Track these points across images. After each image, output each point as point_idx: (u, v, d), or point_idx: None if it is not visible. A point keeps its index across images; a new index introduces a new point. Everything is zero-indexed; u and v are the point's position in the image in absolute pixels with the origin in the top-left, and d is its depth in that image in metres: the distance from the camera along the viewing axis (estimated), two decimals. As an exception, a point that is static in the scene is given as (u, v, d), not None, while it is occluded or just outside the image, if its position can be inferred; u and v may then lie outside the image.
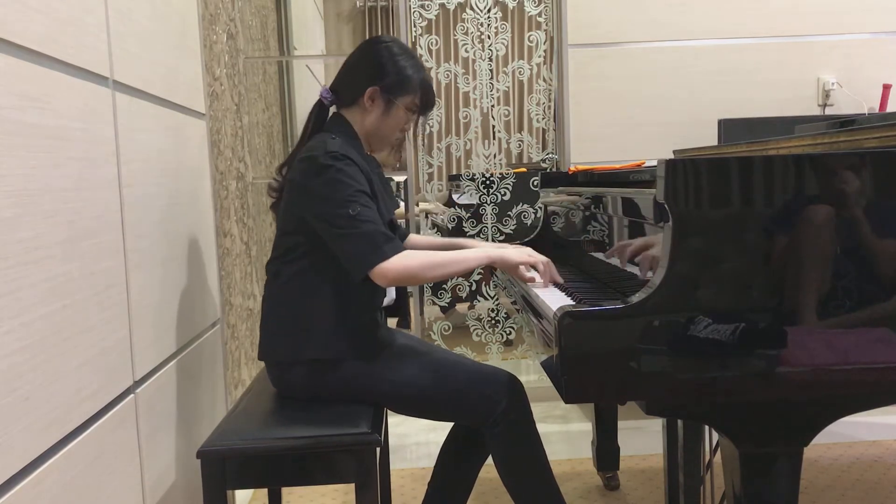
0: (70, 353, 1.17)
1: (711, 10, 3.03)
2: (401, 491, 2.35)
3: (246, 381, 2.47)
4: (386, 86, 1.67)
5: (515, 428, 1.61)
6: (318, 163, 1.55)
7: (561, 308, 1.18)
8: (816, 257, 1.17)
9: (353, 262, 1.53)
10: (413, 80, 1.69)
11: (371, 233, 1.51)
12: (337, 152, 1.56)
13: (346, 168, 1.55)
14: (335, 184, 1.53)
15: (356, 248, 1.52)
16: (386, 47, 1.70)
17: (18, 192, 1.03)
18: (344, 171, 1.55)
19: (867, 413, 1.44)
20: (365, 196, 1.55)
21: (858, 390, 1.22)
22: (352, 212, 1.51)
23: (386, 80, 1.67)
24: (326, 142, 1.60)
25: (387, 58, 1.68)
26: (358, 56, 1.73)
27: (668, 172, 1.18)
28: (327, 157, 1.55)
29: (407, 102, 1.69)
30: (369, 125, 1.70)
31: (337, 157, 1.55)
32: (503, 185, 3.19)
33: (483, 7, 3.09)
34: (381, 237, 1.52)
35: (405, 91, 1.68)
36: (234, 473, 1.47)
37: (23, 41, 1.07)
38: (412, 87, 1.69)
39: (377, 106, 1.68)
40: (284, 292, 1.64)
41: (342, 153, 1.57)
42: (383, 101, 1.68)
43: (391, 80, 1.67)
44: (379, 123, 1.70)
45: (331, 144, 1.59)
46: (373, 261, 1.50)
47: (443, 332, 3.19)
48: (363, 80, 1.68)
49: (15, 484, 1.00)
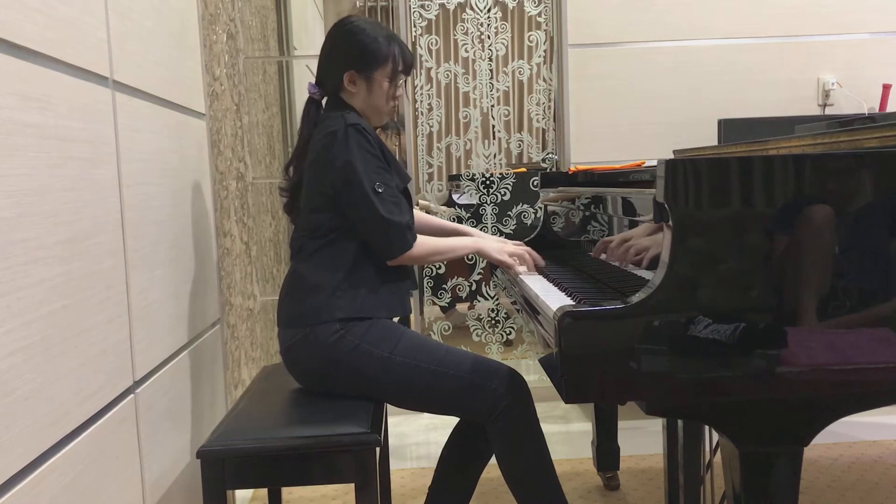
0: (70, 353, 1.17)
1: (711, 10, 3.03)
2: (401, 491, 2.35)
3: (246, 381, 2.47)
4: (359, 66, 1.73)
5: (517, 423, 1.61)
6: (341, 134, 1.63)
7: (561, 308, 1.18)
8: (816, 257, 1.17)
9: (381, 248, 1.66)
10: (382, 50, 1.73)
11: (399, 224, 1.64)
12: (358, 124, 1.65)
13: (366, 144, 1.64)
14: (361, 155, 1.63)
15: (386, 236, 1.64)
16: (351, 27, 1.75)
17: (18, 192, 1.03)
18: (369, 142, 1.65)
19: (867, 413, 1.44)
20: (385, 173, 1.66)
21: (859, 390, 1.22)
22: (379, 189, 1.62)
23: (357, 60, 1.73)
24: (344, 115, 1.68)
25: (354, 38, 1.74)
26: (328, 45, 1.79)
27: (668, 172, 1.18)
28: (349, 130, 1.64)
29: (385, 73, 1.74)
30: (360, 105, 1.76)
31: (358, 129, 1.64)
32: (503, 185, 3.19)
33: (483, 7, 3.09)
34: (406, 228, 1.65)
35: (378, 63, 1.73)
36: (234, 473, 1.46)
37: (23, 41, 1.07)
38: (383, 57, 1.74)
39: (359, 87, 1.74)
40: (314, 259, 1.69)
41: (362, 126, 1.65)
42: (363, 80, 1.74)
43: (362, 58, 1.73)
44: (367, 101, 1.76)
45: (349, 118, 1.67)
46: (399, 250, 1.66)
47: (443, 332, 3.19)
48: (338, 67, 1.74)
49: (15, 484, 1.00)
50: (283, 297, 1.73)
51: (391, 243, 1.65)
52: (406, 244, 1.66)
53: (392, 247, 1.66)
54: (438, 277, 3.21)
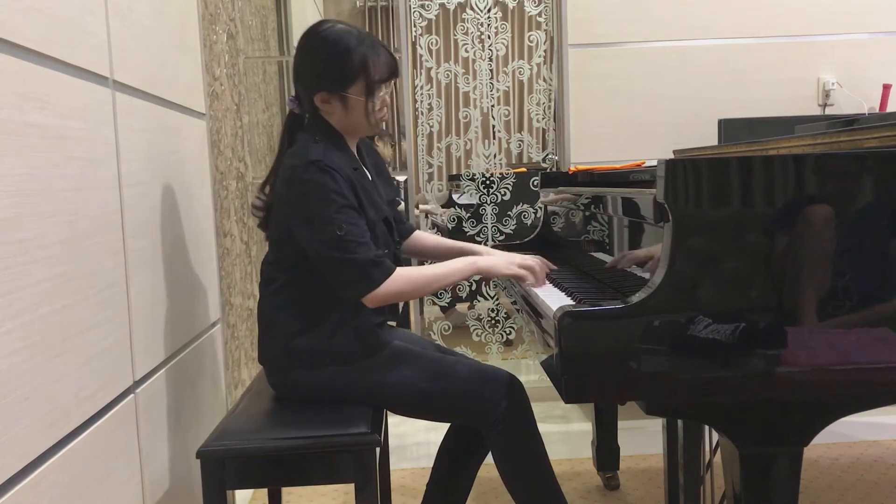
0: (70, 353, 1.17)
1: (711, 10, 3.03)
2: (401, 491, 2.35)
3: (246, 381, 2.47)
4: (329, 86, 1.57)
5: (516, 428, 1.60)
6: (301, 176, 1.50)
7: (561, 308, 1.18)
8: (816, 257, 1.17)
9: (343, 289, 1.52)
10: (352, 64, 1.55)
11: (360, 261, 1.48)
12: (321, 161, 1.50)
13: (328, 181, 1.49)
14: (320, 200, 1.49)
15: (346, 275, 1.50)
16: (318, 42, 1.58)
17: (18, 192, 1.03)
18: (326, 184, 1.49)
19: (867, 413, 1.43)
20: (351, 211, 1.50)
21: (859, 390, 1.22)
22: (339, 232, 1.47)
23: (326, 79, 1.57)
24: (309, 148, 1.53)
25: (320, 55, 1.58)
26: (297, 60, 1.63)
27: (668, 172, 1.18)
28: (309, 168, 1.49)
29: (360, 89, 1.57)
30: (339, 123, 1.62)
31: (320, 169, 1.49)
32: (503, 185, 3.19)
33: (483, 7, 3.09)
34: (369, 264, 1.49)
35: (350, 80, 1.56)
36: (234, 473, 1.46)
37: (23, 41, 1.07)
38: (354, 72, 1.55)
39: (334, 105, 1.59)
40: (279, 299, 1.63)
41: (325, 163, 1.50)
42: (336, 99, 1.58)
43: (330, 77, 1.57)
44: (346, 119, 1.61)
45: (313, 152, 1.52)
46: (363, 290, 1.50)
47: (443, 332, 3.19)
48: (308, 88, 1.60)
49: (15, 484, 1.00)
50: (259, 334, 1.67)
51: (352, 283, 1.50)
52: (370, 282, 1.49)
53: (353, 287, 1.50)
54: (438, 277, 3.21)
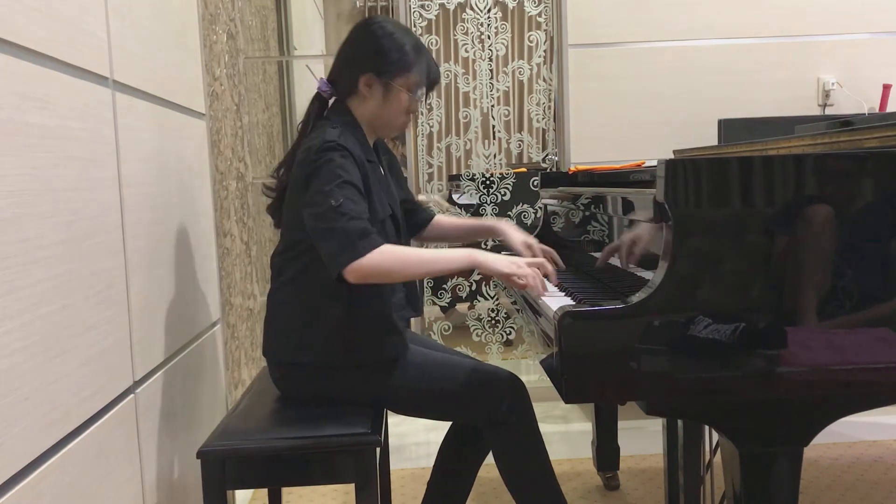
0: (70, 353, 1.17)
1: (711, 10, 3.03)
2: (401, 491, 2.35)
3: (246, 381, 2.47)
4: (381, 70, 1.59)
5: (517, 428, 1.60)
6: (313, 153, 1.49)
7: (561, 308, 1.18)
8: (816, 257, 1.17)
9: (328, 260, 1.46)
10: (408, 58, 1.59)
11: (348, 229, 1.42)
12: (334, 142, 1.49)
13: (338, 158, 1.48)
14: (325, 173, 1.46)
15: (331, 244, 1.44)
16: (376, 28, 1.61)
17: (18, 192, 1.03)
18: (335, 160, 1.47)
19: (867, 413, 1.43)
20: (353, 189, 1.47)
21: (858, 390, 1.22)
22: (334, 202, 1.43)
23: (380, 64, 1.59)
24: (326, 130, 1.54)
25: (378, 40, 1.60)
26: (350, 42, 1.65)
27: (668, 172, 1.18)
28: (322, 146, 1.49)
29: (406, 83, 1.60)
30: (370, 113, 1.63)
31: (333, 147, 1.49)
32: (503, 185, 3.19)
33: (483, 7, 3.09)
34: (356, 233, 1.42)
35: (402, 71, 1.59)
36: (234, 473, 1.46)
37: (23, 41, 1.07)
38: (408, 66, 1.59)
39: (375, 92, 1.60)
40: (287, 291, 1.62)
41: (339, 143, 1.50)
42: (381, 86, 1.60)
43: (385, 62, 1.58)
44: (380, 110, 1.62)
45: (329, 134, 1.52)
46: (345, 259, 1.42)
47: (443, 332, 3.19)
48: (357, 68, 1.60)
49: (15, 484, 1.00)
50: (265, 324, 1.66)
51: (336, 251, 1.43)
52: (354, 252, 1.41)
53: (338, 255, 1.42)
54: (438, 278, 3.21)
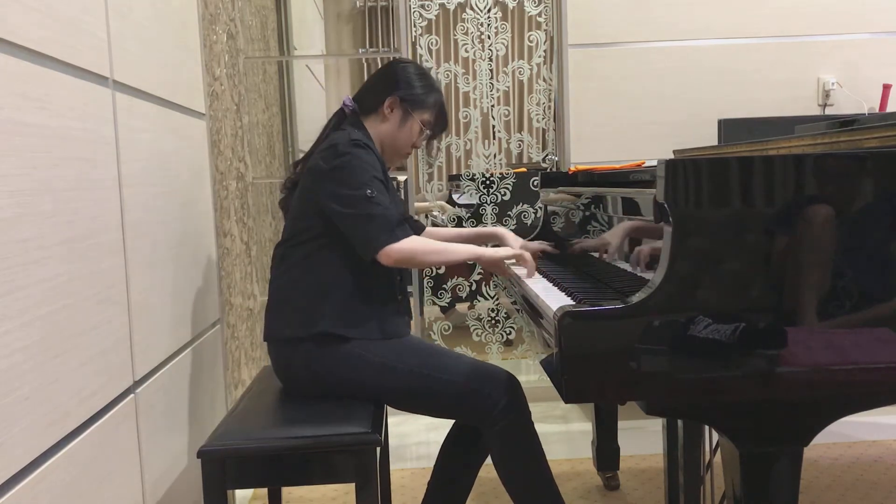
0: (70, 353, 1.17)
1: (711, 10, 3.03)
2: (401, 491, 2.35)
3: (246, 381, 2.47)
4: (405, 97, 1.80)
5: (514, 427, 1.61)
6: (340, 149, 1.65)
7: (561, 308, 1.18)
8: (816, 257, 1.17)
9: (364, 242, 1.62)
10: (430, 100, 1.82)
11: (385, 215, 1.61)
12: (360, 140, 1.68)
13: (366, 156, 1.66)
14: (355, 168, 1.64)
15: (370, 227, 1.60)
16: (407, 66, 1.86)
17: (18, 192, 1.03)
18: (364, 158, 1.65)
19: (867, 413, 1.44)
20: (380, 183, 1.66)
21: (858, 390, 1.22)
22: (369, 193, 1.61)
23: (406, 92, 1.80)
24: (350, 132, 1.72)
25: (408, 75, 1.82)
26: (381, 72, 1.87)
27: (668, 172, 1.18)
28: (350, 144, 1.66)
29: (422, 118, 1.82)
30: (385, 133, 1.81)
31: (359, 145, 1.67)
32: (503, 185, 3.19)
33: (483, 7, 3.09)
34: (393, 220, 1.62)
35: (422, 106, 1.81)
36: (234, 473, 1.47)
37: (23, 41, 1.07)
38: (428, 105, 1.82)
39: (395, 115, 1.80)
40: (292, 274, 1.69)
41: (365, 142, 1.69)
42: (401, 111, 1.80)
43: (410, 93, 1.80)
44: (395, 132, 1.81)
45: (354, 134, 1.70)
46: (384, 241, 1.60)
47: (443, 332, 3.19)
48: (384, 90, 1.80)
49: (15, 484, 1.00)
50: (266, 312, 1.73)
51: (376, 234, 1.60)
52: (393, 236, 1.61)
53: (377, 238, 1.60)
54: (438, 277, 3.21)
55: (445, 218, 3.27)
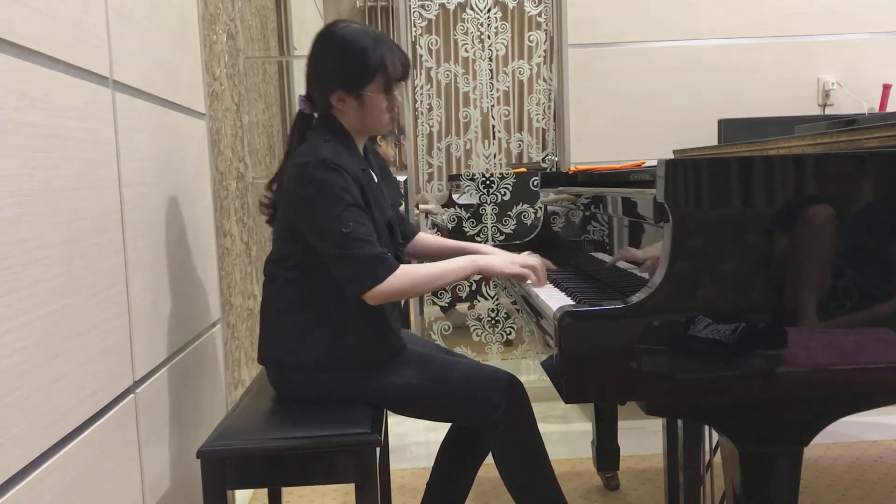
0: (70, 353, 1.17)
1: (711, 10, 3.03)
2: (401, 491, 2.35)
3: (246, 381, 2.47)
4: (347, 84, 1.59)
5: (516, 429, 1.61)
6: (309, 174, 1.52)
7: (561, 308, 1.18)
8: (816, 257, 1.17)
9: (347, 283, 1.53)
10: (370, 63, 1.58)
11: (364, 256, 1.49)
12: (329, 160, 1.51)
13: (337, 180, 1.51)
14: (327, 197, 1.50)
15: (349, 271, 1.51)
16: (332, 41, 1.61)
17: (18, 192, 1.03)
18: (335, 183, 1.50)
19: (867, 413, 1.43)
20: (359, 210, 1.52)
21: (859, 390, 1.22)
22: (345, 229, 1.48)
23: (344, 78, 1.59)
24: (319, 147, 1.55)
25: (338, 54, 1.60)
26: (312, 59, 1.64)
27: (668, 172, 1.18)
28: (319, 166, 1.51)
29: (378, 87, 1.59)
30: (352, 123, 1.63)
31: (329, 167, 1.51)
32: (503, 185, 3.19)
33: (483, 7, 3.09)
34: (373, 260, 1.50)
35: (368, 78, 1.58)
36: (234, 473, 1.46)
37: (23, 41, 1.07)
38: (372, 70, 1.58)
39: (350, 105, 1.61)
40: (281, 298, 1.63)
41: (334, 162, 1.52)
42: (353, 98, 1.60)
43: (349, 75, 1.59)
44: (360, 119, 1.63)
45: (323, 150, 1.54)
46: (365, 286, 1.50)
47: (443, 332, 3.19)
48: (325, 86, 1.61)
49: (15, 484, 1.00)
50: (260, 333, 1.67)
51: (356, 278, 1.50)
52: (374, 277, 1.49)
53: (358, 281, 1.50)
54: (438, 277, 3.21)
55: (445, 218, 3.27)
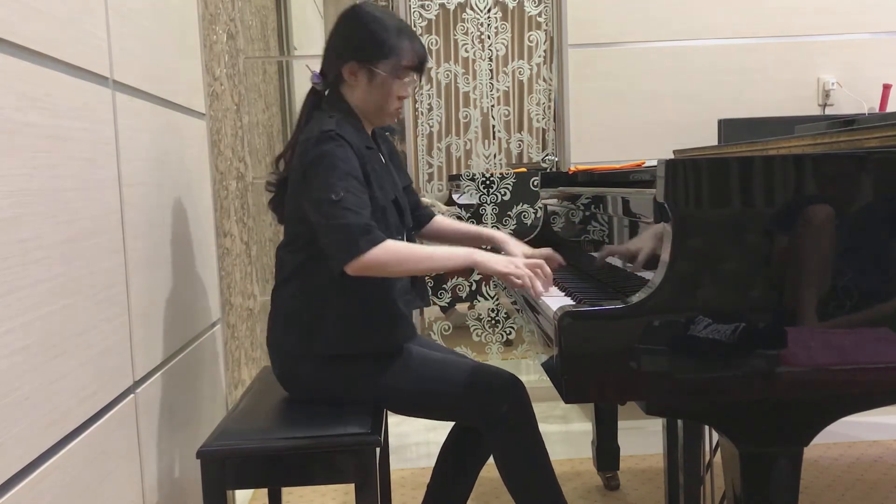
0: (70, 353, 1.17)
1: (711, 10, 3.03)
2: (401, 491, 2.35)
3: (246, 381, 2.47)
4: (362, 56, 1.59)
5: (517, 430, 1.60)
6: (311, 144, 1.51)
7: (561, 308, 1.18)
8: (816, 257, 1.17)
9: (329, 255, 1.49)
10: (390, 42, 1.58)
11: (348, 225, 1.45)
12: (332, 131, 1.51)
13: (336, 149, 1.49)
14: (324, 166, 1.48)
15: (332, 240, 1.47)
16: (360, 15, 1.62)
17: (18, 192, 1.03)
18: (334, 152, 1.49)
19: (867, 413, 1.43)
20: (353, 180, 1.49)
21: (859, 390, 1.22)
22: (335, 197, 1.45)
23: (361, 50, 1.59)
24: (323, 121, 1.56)
25: (360, 27, 1.61)
26: (335, 32, 1.66)
27: (668, 172, 1.18)
28: (321, 136, 1.51)
29: (390, 67, 1.59)
30: (359, 99, 1.63)
31: (331, 137, 1.50)
32: (503, 185, 3.19)
33: (483, 7, 3.09)
34: (357, 229, 1.45)
35: (383, 55, 1.58)
36: (234, 473, 1.46)
37: (23, 41, 1.07)
38: (390, 50, 1.58)
39: (360, 79, 1.61)
40: (291, 284, 1.63)
41: (337, 132, 1.51)
42: (364, 73, 1.60)
43: (366, 48, 1.59)
44: (368, 96, 1.62)
45: (326, 123, 1.54)
46: (346, 256, 1.45)
47: (443, 332, 3.19)
48: (339, 57, 1.62)
49: (15, 484, 1.00)
50: (269, 320, 1.67)
51: (338, 247, 1.46)
52: (355, 248, 1.44)
53: (340, 252, 1.45)
54: (438, 277, 3.21)
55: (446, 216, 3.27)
